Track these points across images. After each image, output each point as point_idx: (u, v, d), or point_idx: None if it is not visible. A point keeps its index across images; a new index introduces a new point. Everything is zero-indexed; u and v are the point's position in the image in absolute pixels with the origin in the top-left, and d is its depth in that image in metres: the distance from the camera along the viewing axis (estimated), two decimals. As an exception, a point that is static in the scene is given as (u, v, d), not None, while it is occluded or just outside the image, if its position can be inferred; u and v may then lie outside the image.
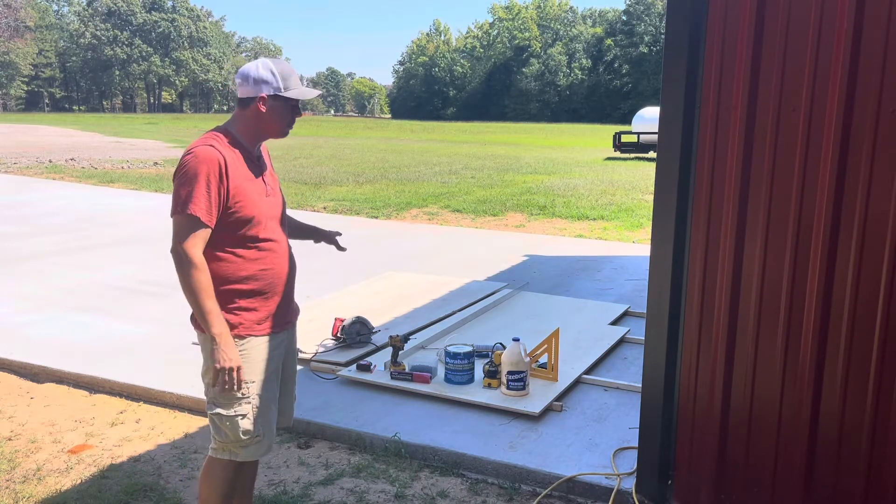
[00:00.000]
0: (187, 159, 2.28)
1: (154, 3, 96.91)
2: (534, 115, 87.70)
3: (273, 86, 2.36)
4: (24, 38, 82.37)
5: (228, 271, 2.34)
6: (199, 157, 2.26)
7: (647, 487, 3.02)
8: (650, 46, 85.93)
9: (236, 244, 2.35)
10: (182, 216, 2.25)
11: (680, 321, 2.85)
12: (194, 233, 2.25)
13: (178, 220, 2.26)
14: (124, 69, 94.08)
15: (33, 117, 61.60)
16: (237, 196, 2.30)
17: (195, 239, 2.26)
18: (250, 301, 2.39)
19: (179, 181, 2.27)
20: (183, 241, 2.25)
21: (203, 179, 2.24)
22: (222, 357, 2.28)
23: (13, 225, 9.80)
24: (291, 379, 2.67)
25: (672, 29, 2.68)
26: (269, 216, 2.42)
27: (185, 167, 2.27)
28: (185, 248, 2.24)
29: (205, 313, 2.27)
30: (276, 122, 2.41)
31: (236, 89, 2.42)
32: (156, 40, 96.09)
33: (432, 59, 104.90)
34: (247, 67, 2.39)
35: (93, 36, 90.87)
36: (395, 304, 5.83)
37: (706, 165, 2.68)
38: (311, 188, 14.68)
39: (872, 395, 2.52)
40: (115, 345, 4.91)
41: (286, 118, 2.43)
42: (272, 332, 2.45)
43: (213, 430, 2.43)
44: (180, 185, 2.26)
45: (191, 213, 2.23)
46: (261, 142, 2.47)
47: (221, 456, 2.45)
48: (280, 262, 2.46)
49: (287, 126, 2.45)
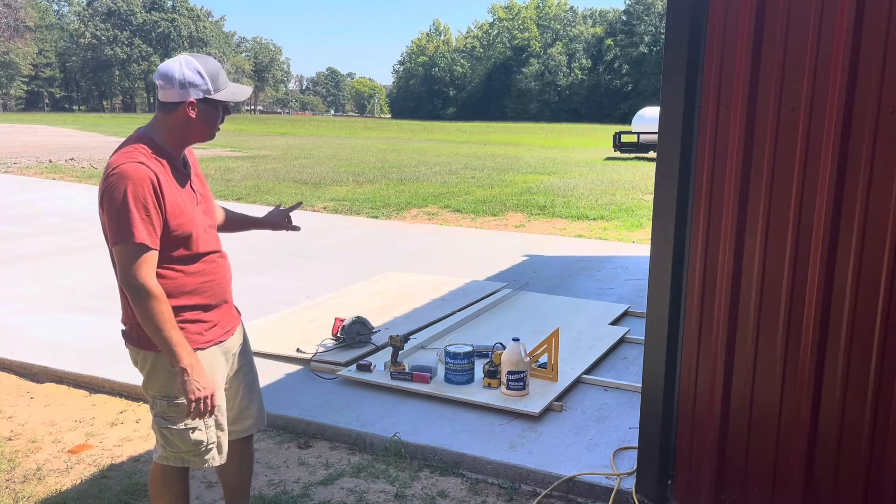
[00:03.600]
0: (113, 180, 2.06)
1: (154, 3, 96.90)
2: (534, 115, 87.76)
3: (202, 88, 2.18)
4: (24, 38, 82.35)
5: (171, 287, 2.20)
6: (129, 176, 2.06)
7: (647, 487, 3.02)
8: (650, 46, 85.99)
9: (176, 261, 2.21)
10: (127, 245, 2.08)
11: (680, 321, 2.85)
12: (144, 261, 2.09)
13: (124, 251, 2.09)
14: (124, 69, 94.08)
15: (33, 117, 61.59)
16: (174, 213, 2.15)
17: (148, 267, 2.10)
18: (195, 314, 2.27)
19: (112, 206, 2.06)
20: (136, 272, 2.09)
21: (140, 202, 2.06)
22: (196, 388, 2.17)
23: (13, 225, 9.80)
24: (254, 381, 2.60)
25: (672, 29, 2.68)
26: (206, 226, 2.31)
27: (113, 189, 2.06)
28: (141, 279, 2.09)
29: (172, 346, 2.13)
30: (206, 127, 2.25)
31: (159, 88, 2.20)
32: (156, 40, 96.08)
33: (432, 59, 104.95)
34: (169, 68, 2.17)
35: (93, 36, 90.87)
36: (395, 304, 5.83)
37: (706, 165, 2.68)
38: (311, 188, 14.68)
39: (872, 395, 2.52)
40: (115, 345, 4.87)
41: (216, 121, 2.27)
42: (219, 341, 2.36)
43: (162, 440, 2.33)
44: (116, 211, 2.06)
45: (137, 242, 2.07)
46: (186, 147, 2.29)
47: (174, 464, 2.37)
48: (221, 272, 2.36)
49: (216, 129, 2.29)
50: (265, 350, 4.70)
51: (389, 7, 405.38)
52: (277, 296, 6.12)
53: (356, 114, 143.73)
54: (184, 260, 2.23)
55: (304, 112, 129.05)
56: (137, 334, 2.26)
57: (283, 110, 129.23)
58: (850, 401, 2.56)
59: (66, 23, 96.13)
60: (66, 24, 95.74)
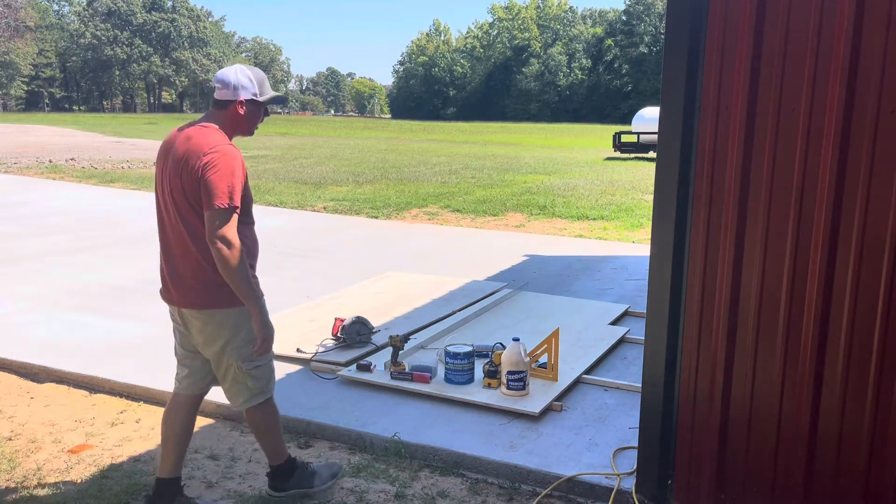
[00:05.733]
0: (217, 156, 2.57)
1: (154, 3, 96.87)
2: (534, 115, 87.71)
3: (251, 91, 2.70)
4: (24, 38, 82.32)
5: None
6: (232, 154, 2.60)
7: (647, 487, 3.02)
8: (650, 46, 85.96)
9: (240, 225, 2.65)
10: (225, 208, 2.54)
11: (680, 321, 2.85)
12: (234, 221, 2.58)
13: (223, 212, 2.55)
14: (124, 69, 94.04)
15: (33, 117, 61.59)
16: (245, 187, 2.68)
17: (235, 226, 2.59)
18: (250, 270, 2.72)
19: (217, 175, 2.54)
20: (229, 229, 2.55)
21: (238, 175, 2.60)
22: (269, 325, 2.69)
23: (13, 225, 9.80)
24: None
25: (672, 29, 2.68)
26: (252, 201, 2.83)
27: (217, 163, 2.56)
28: (231, 234, 2.56)
29: (252, 290, 2.62)
30: (249, 123, 2.77)
31: (216, 89, 2.73)
32: (156, 40, 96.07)
33: (432, 59, 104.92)
34: (226, 73, 2.71)
35: (93, 36, 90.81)
36: (395, 304, 5.83)
37: (706, 165, 2.69)
38: (312, 188, 14.68)
39: (872, 394, 2.52)
40: (115, 345, 4.91)
41: (258, 119, 2.79)
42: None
43: (252, 381, 2.81)
44: (219, 179, 2.54)
45: (234, 205, 2.56)
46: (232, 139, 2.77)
47: (263, 398, 2.87)
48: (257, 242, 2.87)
49: (256, 127, 2.82)
50: (265, 350, 4.70)
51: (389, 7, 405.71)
52: (277, 296, 6.12)
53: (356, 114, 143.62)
54: (245, 224, 2.72)
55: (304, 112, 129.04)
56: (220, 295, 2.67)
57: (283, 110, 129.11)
58: (850, 401, 2.56)
59: (66, 23, 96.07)
60: (66, 24, 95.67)
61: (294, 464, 3.05)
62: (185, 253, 2.68)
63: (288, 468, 3.03)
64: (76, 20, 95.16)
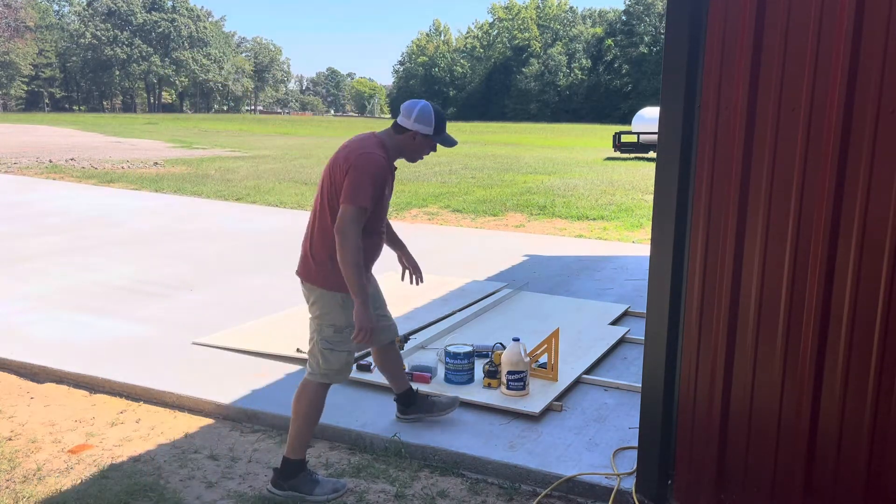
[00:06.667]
0: (363, 162, 2.93)
1: (154, 3, 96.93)
2: (534, 115, 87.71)
3: (428, 127, 3.07)
4: (24, 38, 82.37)
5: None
6: (376, 162, 2.95)
7: (647, 487, 3.02)
8: (650, 46, 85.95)
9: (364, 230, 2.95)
10: (357, 206, 2.88)
11: (680, 321, 2.85)
12: (361, 220, 2.90)
13: (354, 209, 2.88)
14: (124, 69, 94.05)
15: (33, 117, 61.60)
16: (378, 198, 2.98)
17: (361, 225, 2.90)
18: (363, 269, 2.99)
19: (359, 175, 2.89)
20: (355, 226, 2.88)
21: (378, 181, 2.94)
22: (366, 319, 2.92)
23: (13, 225, 9.80)
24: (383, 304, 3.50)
25: (672, 29, 2.68)
26: (383, 215, 3.16)
27: (363, 167, 2.91)
28: (355, 231, 2.88)
29: (359, 285, 2.90)
30: (415, 152, 3.14)
31: (400, 115, 3.10)
32: (156, 40, 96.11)
33: (432, 59, 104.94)
34: (413, 105, 3.09)
35: (93, 36, 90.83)
36: (394, 304, 5.80)
37: (706, 165, 2.68)
38: (312, 188, 14.67)
39: (872, 394, 2.52)
40: (115, 345, 4.91)
41: (423, 153, 3.16)
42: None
43: (322, 360, 3.06)
44: (359, 179, 2.89)
45: (364, 206, 2.89)
46: (396, 160, 3.14)
47: (321, 380, 3.09)
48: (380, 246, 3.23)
49: (420, 158, 3.18)
50: (265, 350, 4.70)
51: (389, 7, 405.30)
52: (278, 296, 6.12)
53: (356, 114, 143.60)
54: (366, 231, 2.99)
55: (305, 112, 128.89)
56: (325, 277, 3.02)
57: (283, 110, 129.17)
58: (850, 401, 2.56)
59: (66, 23, 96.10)
60: (66, 24, 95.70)
61: (302, 466, 3.08)
62: (311, 233, 3.10)
63: (295, 467, 3.06)
64: (76, 20, 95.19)
